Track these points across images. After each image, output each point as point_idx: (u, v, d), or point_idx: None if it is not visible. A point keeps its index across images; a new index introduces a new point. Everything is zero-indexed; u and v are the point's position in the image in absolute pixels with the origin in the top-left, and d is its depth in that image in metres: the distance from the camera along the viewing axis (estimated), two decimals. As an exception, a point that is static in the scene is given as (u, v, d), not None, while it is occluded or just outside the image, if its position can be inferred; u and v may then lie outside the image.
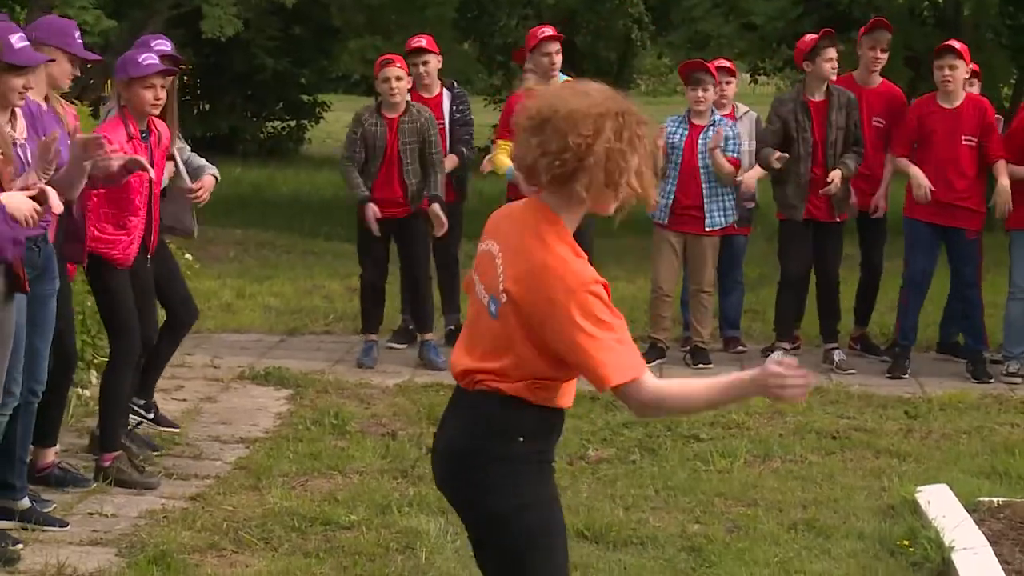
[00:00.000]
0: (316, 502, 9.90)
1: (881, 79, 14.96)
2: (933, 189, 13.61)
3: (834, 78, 14.11)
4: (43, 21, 10.45)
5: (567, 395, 5.61)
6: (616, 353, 5.25)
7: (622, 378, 5.19)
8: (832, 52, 14.09)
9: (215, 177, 11.38)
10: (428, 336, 14.90)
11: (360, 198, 14.26)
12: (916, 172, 13.64)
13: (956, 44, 14.19)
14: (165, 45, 10.64)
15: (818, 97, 14.06)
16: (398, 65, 14.75)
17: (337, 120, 30.73)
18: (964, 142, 13.61)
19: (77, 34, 10.17)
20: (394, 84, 14.60)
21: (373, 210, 14.27)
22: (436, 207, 14.32)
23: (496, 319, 5.54)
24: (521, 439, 5.53)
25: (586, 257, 5.45)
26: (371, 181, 14.69)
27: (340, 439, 11.57)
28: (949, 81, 13.84)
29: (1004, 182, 13.44)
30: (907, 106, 14.92)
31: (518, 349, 5.48)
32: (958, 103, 13.84)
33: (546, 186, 5.48)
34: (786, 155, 13.79)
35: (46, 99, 9.60)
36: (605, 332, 5.25)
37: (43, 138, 8.58)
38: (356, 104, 16.60)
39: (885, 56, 14.74)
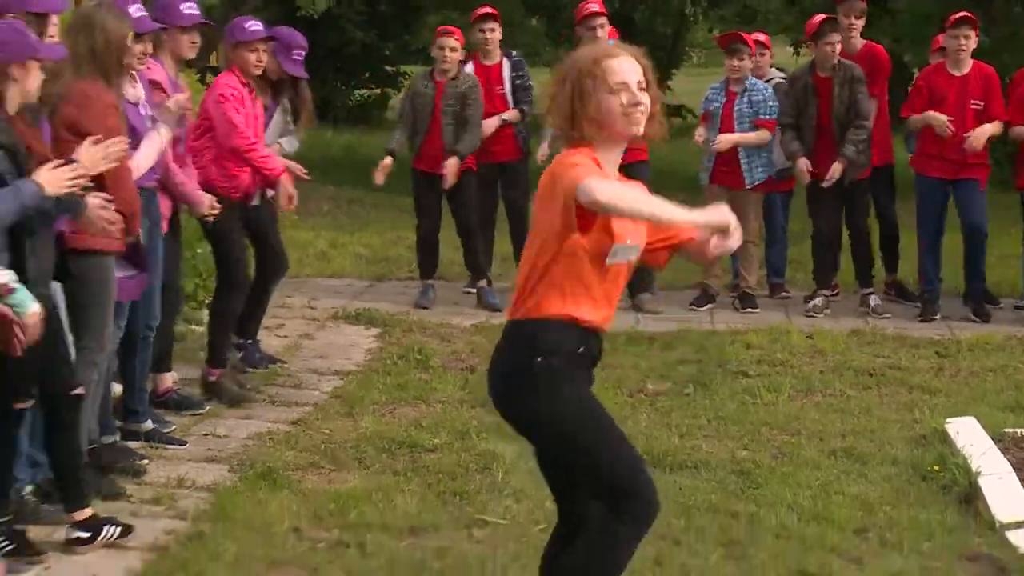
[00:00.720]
0: (403, 427, 10.14)
1: (863, 42, 15.03)
2: (952, 119, 13.74)
3: (835, 60, 14.08)
4: None
5: (584, 309, 5.76)
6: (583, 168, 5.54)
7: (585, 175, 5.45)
8: (834, 36, 13.99)
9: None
10: (481, 282, 14.99)
11: (385, 150, 14.44)
12: (933, 114, 13.77)
13: (970, 15, 14.25)
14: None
15: (824, 73, 14.14)
16: (455, 37, 14.91)
17: None
18: (972, 106, 13.73)
19: (184, 6, 10.22)
20: (448, 53, 14.76)
21: (384, 164, 14.52)
22: (451, 160, 14.36)
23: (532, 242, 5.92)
24: (541, 357, 5.75)
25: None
26: (420, 138, 14.87)
27: (424, 373, 11.79)
28: (963, 49, 14.00)
29: (988, 128, 13.71)
30: (888, 63, 15.09)
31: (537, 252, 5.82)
32: (967, 71, 13.99)
33: (562, 126, 5.92)
34: (809, 165, 14.00)
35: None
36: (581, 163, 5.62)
37: (175, 97, 8.98)
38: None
39: (860, 22, 14.82)
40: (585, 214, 5.60)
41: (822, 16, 14.79)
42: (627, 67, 5.77)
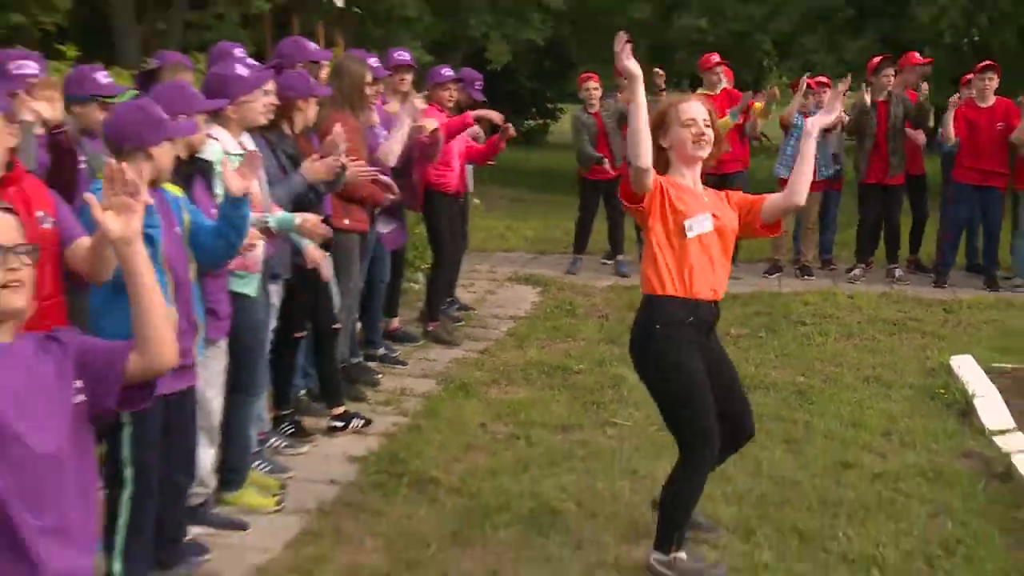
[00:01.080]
0: (557, 357, 10.25)
1: (995, 97, 13.92)
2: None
3: (889, 88, 13.93)
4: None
5: (686, 283, 5.69)
6: None
7: None
8: (889, 70, 13.84)
9: None
10: (620, 256, 14.53)
11: (596, 158, 13.61)
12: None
13: (993, 63, 14.11)
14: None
15: (881, 98, 13.91)
16: (595, 80, 14.29)
17: (567, 121, 30.50)
18: (997, 127, 13.53)
19: (396, 54, 10.08)
20: (592, 91, 14.18)
21: (599, 165, 13.71)
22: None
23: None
24: (658, 326, 5.79)
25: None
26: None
27: (572, 319, 11.86)
28: (988, 88, 13.68)
29: None
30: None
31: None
32: (992, 103, 13.65)
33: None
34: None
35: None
36: None
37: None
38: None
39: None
40: (641, 196, 5.62)
41: (880, 56, 14.56)
42: (696, 108, 5.74)
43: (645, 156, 5.41)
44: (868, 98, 13.84)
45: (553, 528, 6.46)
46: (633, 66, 5.51)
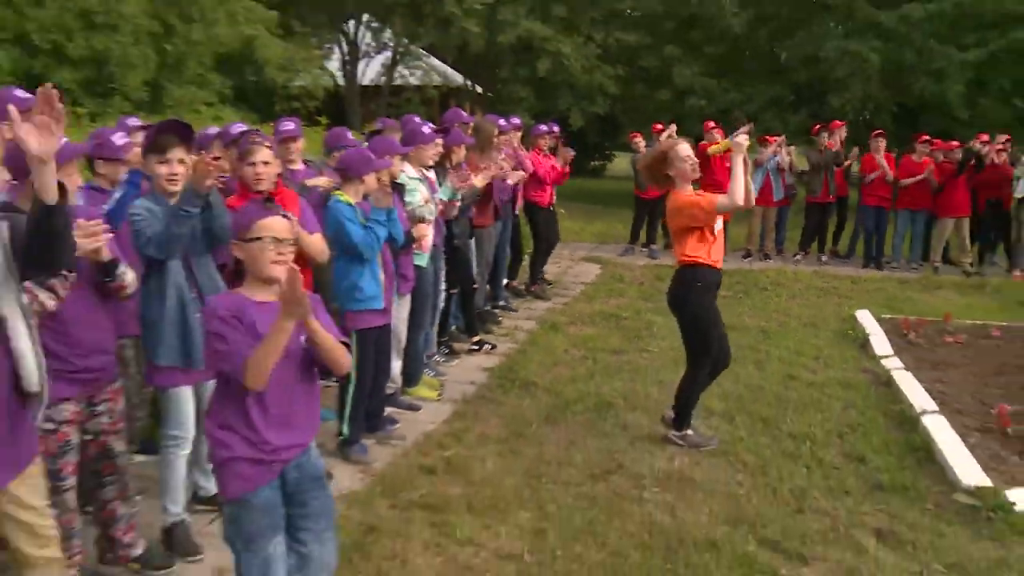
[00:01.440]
0: (612, 308, 10.21)
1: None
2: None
3: (826, 143, 13.83)
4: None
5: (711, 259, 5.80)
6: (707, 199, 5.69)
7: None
8: (824, 133, 13.80)
9: None
10: (652, 245, 14.12)
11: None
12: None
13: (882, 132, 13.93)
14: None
15: (821, 149, 13.77)
16: (639, 136, 13.93)
17: (621, 161, 30.18)
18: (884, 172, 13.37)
19: (501, 122, 9.23)
20: (637, 143, 13.70)
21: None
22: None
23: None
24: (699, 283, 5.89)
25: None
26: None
27: (621, 284, 11.74)
28: (880, 146, 13.47)
29: None
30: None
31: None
32: (882, 155, 13.44)
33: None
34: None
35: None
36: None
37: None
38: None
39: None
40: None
41: (818, 124, 14.44)
42: (687, 148, 5.76)
43: (740, 198, 5.57)
44: (825, 144, 13.70)
45: (608, 415, 6.56)
46: (742, 139, 5.71)
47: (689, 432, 6.02)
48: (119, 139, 4.91)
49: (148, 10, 19.37)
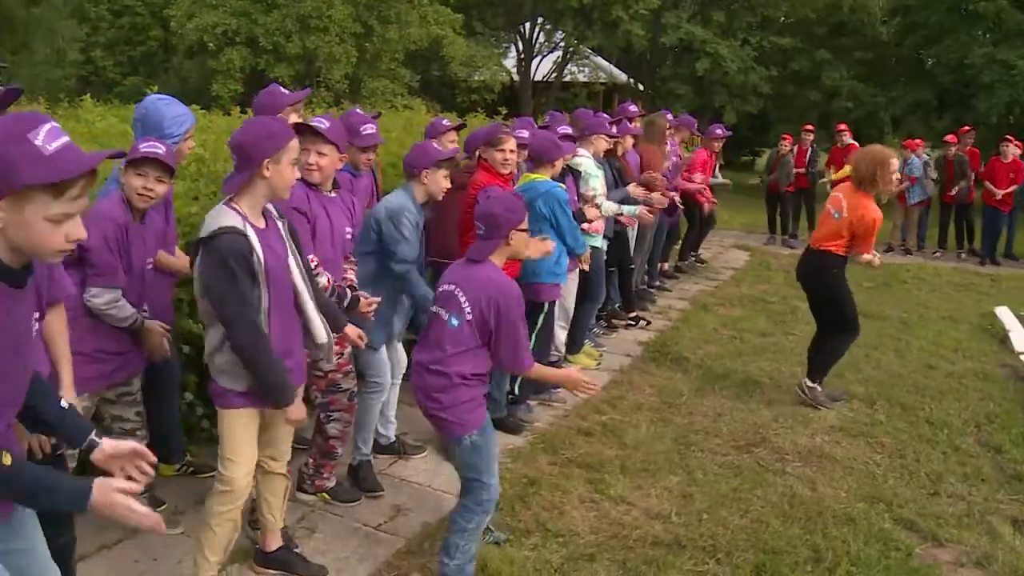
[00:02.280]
0: (758, 292, 9.88)
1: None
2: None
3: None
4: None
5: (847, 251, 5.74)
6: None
7: None
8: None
9: None
10: (785, 235, 13.75)
11: (769, 180, 13.10)
12: None
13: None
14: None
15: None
16: (788, 140, 13.12)
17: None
18: (1010, 175, 12.52)
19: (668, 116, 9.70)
20: (783, 145, 13.03)
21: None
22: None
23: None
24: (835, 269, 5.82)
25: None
26: (777, 176, 13.24)
27: (767, 271, 11.37)
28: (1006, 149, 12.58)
29: None
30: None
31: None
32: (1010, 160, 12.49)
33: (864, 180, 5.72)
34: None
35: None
36: None
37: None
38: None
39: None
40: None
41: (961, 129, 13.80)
42: (896, 165, 5.65)
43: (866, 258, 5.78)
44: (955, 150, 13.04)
45: (754, 391, 6.38)
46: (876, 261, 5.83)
47: (818, 388, 6.05)
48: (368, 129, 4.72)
49: (352, 14, 20.10)
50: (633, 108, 8.09)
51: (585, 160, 6.40)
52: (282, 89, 4.70)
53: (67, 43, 23.64)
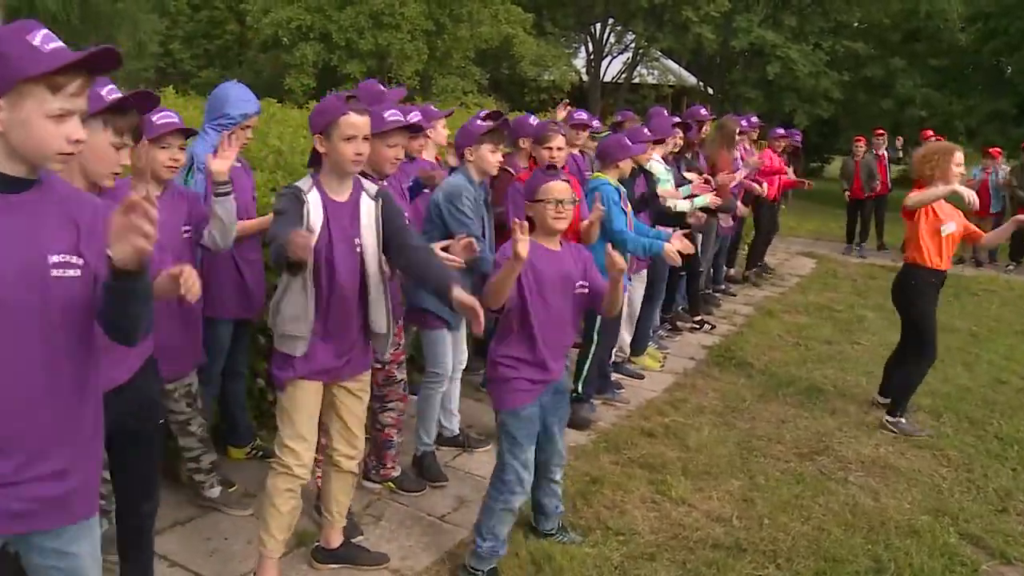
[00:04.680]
0: (825, 300, 9.74)
1: None
2: None
3: None
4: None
5: (934, 259, 5.58)
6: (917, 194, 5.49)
7: None
8: None
9: None
10: (863, 244, 13.38)
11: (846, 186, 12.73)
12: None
13: None
14: None
15: None
16: (862, 142, 12.83)
17: (839, 164, 28.74)
18: None
19: (751, 120, 9.25)
20: (858, 148, 12.71)
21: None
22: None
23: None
24: (913, 282, 5.68)
25: None
26: (851, 182, 12.91)
27: (834, 279, 11.17)
28: None
29: None
30: None
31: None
32: None
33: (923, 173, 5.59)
34: None
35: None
36: None
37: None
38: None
39: None
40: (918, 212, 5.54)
41: None
42: (961, 158, 5.52)
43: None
44: None
45: (818, 399, 6.30)
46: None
47: (902, 420, 5.78)
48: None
49: (424, 11, 20.31)
50: (704, 112, 8.05)
51: (655, 163, 6.38)
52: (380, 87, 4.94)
53: (147, 36, 24.23)
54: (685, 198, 6.56)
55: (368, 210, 3.19)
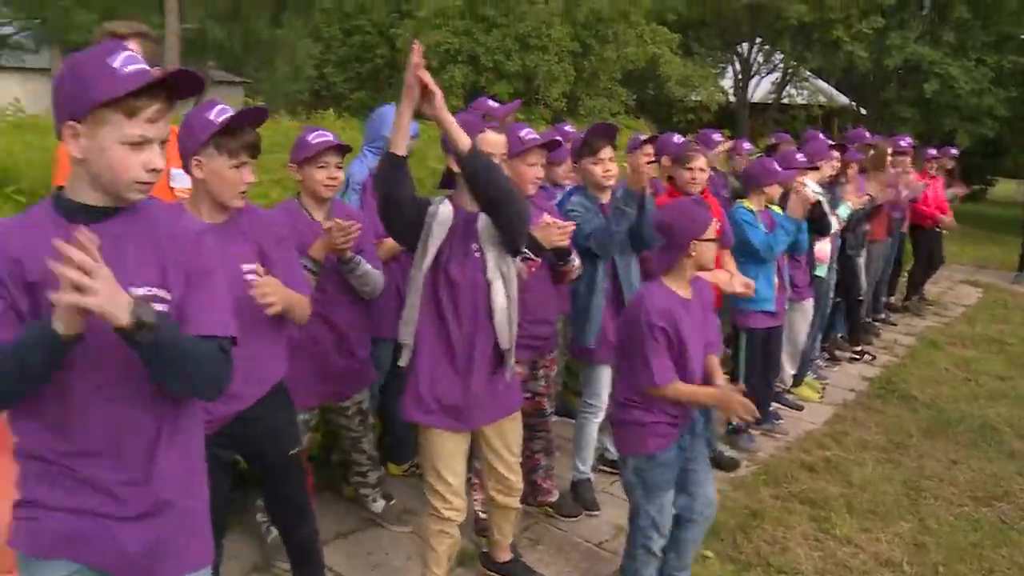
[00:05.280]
0: (994, 332, 9.18)
1: None
2: None
3: None
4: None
5: None
6: None
7: None
8: None
9: None
10: None
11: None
12: None
13: None
14: None
15: None
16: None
17: (1005, 186, 27.24)
18: None
19: (905, 142, 8.64)
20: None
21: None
22: None
23: None
24: None
25: None
26: None
27: (1005, 310, 10.50)
28: None
29: None
30: None
31: None
32: None
33: None
34: None
35: None
36: None
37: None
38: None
39: None
40: None
41: None
42: None
43: None
44: None
45: (993, 439, 5.94)
46: None
47: None
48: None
49: (571, 33, 20.46)
50: (867, 134, 7.76)
51: (809, 186, 6.14)
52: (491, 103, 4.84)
53: (303, 60, 25.25)
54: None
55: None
